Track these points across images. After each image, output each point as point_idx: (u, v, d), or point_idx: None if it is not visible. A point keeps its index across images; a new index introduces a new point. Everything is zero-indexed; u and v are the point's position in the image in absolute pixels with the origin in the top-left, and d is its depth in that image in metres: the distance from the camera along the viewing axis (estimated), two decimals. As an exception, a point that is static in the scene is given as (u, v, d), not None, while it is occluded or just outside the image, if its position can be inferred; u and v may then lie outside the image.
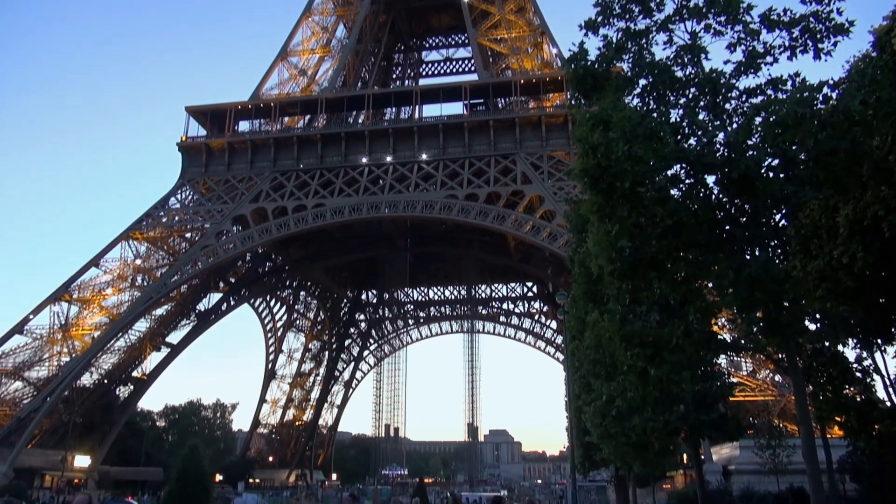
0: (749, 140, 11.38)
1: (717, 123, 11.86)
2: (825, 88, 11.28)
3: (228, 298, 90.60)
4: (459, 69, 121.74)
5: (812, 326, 12.19)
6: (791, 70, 11.73)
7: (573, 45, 13.31)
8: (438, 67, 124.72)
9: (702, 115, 11.98)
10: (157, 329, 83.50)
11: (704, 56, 12.55)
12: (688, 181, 11.62)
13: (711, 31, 12.60)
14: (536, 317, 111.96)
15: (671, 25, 12.80)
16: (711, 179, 11.62)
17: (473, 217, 72.00)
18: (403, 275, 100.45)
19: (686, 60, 12.54)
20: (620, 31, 13.04)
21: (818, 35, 11.78)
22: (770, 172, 11.47)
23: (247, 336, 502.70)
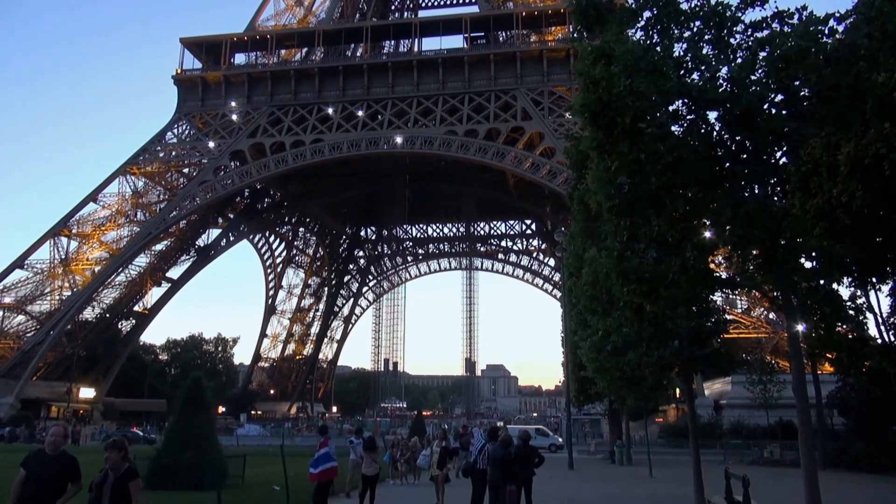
0: (752, 75, 11.18)
1: (722, 58, 11.62)
2: (831, 21, 10.99)
3: (227, 234, 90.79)
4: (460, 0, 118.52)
5: (808, 264, 12.22)
6: (798, 2, 11.41)
7: (576, -24, 12.90)
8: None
9: (706, 50, 11.73)
10: (158, 264, 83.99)
11: (711, -13, 12.17)
12: (689, 117, 11.48)
13: (718, -39, 12.19)
14: (535, 254, 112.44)
15: (677, -45, 12.37)
16: (713, 116, 11.48)
17: (473, 153, 71.47)
18: (402, 212, 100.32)
19: (692, -9, 12.17)
20: (625, -39, 12.64)
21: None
22: (772, 108, 11.32)
23: (247, 272, 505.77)
